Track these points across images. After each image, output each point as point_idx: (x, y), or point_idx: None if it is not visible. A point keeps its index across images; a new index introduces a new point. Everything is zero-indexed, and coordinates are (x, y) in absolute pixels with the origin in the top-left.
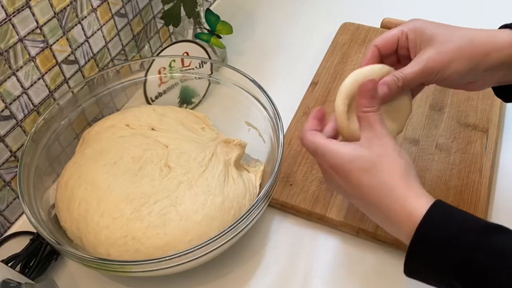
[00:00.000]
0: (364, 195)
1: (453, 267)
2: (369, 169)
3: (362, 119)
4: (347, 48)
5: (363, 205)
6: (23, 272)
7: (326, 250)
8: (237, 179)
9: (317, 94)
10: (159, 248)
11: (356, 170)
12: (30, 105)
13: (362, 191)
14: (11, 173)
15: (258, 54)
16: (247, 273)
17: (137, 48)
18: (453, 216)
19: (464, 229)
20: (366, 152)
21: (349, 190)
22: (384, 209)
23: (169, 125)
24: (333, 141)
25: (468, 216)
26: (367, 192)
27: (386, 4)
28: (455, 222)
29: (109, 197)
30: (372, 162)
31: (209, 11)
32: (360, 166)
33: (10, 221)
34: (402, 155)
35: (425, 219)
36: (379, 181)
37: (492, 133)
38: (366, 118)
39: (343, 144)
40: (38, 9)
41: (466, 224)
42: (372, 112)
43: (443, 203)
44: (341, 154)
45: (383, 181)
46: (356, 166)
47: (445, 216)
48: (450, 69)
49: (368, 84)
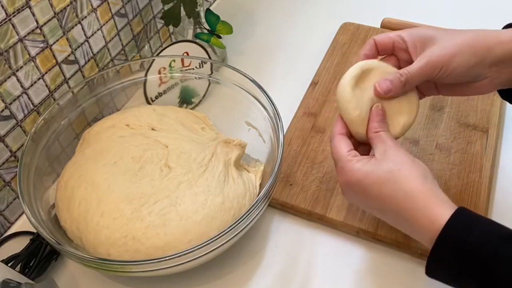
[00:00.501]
0: (384, 205)
1: (474, 275)
2: (387, 180)
3: (374, 139)
4: (347, 48)
5: (384, 215)
6: (23, 272)
7: (326, 250)
8: (237, 179)
9: (317, 94)
10: (159, 248)
11: (373, 183)
12: (30, 105)
13: (382, 201)
14: (11, 173)
15: (258, 54)
16: (247, 273)
17: (137, 48)
18: (475, 223)
19: (484, 237)
20: (383, 164)
21: (369, 203)
22: (406, 217)
23: (169, 125)
24: (352, 155)
25: (489, 224)
26: (387, 202)
27: (386, 4)
28: (476, 230)
29: (109, 197)
30: (390, 173)
31: (209, 11)
32: (378, 178)
33: (10, 221)
34: (417, 162)
35: (446, 227)
36: (398, 190)
37: (492, 133)
38: (378, 136)
39: (359, 159)
40: (38, 9)
41: (487, 232)
42: (383, 131)
43: (465, 211)
44: (358, 171)
45: (403, 189)
46: (373, 179)
47: (467, 224)
48: (455, 63)
49: (376, 111)
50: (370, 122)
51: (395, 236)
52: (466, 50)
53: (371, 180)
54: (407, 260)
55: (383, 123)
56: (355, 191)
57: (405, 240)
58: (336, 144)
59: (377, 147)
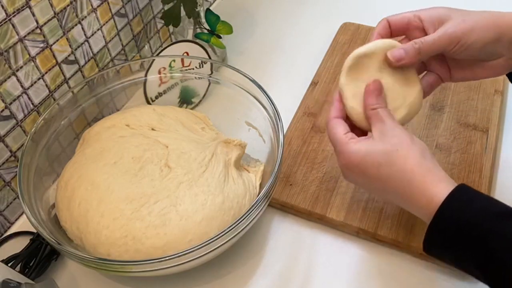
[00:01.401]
0: (383, 186)
1: (470, 252)
2: (385, 161)
3: (372, 116)
4: (347, 48)
5: (384, 195)
6: (23, 272)
7: (326, 250)
8: (237, 179)
9: (317, 94)
10: (159, 248)
11: (372, 165)
12: (30, 105)
13: (382, 182)
14: (11, 173)
15: (258, 54)
16: (247, 273)
17: (137, 48)
18: (473, 201)
19: (482, 214)
20: (380, 145)
21: (368, 184)
22: (405, 197)
23: (169, 125)
24: (349, 137)
25: (488, 201)
26: (386, 182)
27: (386, 4)
28: (474, 208)
29: (109, 197)
30: (388, 154)
31: (209, 11)
32: (376, 160)
33: (10, 221)
34: (415, 141)
35: (443, 206)
36: (397, 170)
37: (492, 133)
38: (375, 114)
39: (357, 141)
40: (38, 9)
41: (485, 208)
42: (380, 108)
43: (465, 188)
44: (356, 152)
45: (401, 170)
46: (371, 160)
47: (465, 201)
48: (473, 36)
49: (372, 85)
50: (366, 98)
51: (395, 236)
52: (484, 26)
53: (369, 162)
54: (407, 260)
55: (380, 98)
56: (355, 173)
57: (405, 240)
58: (332, 127)
59: (375, 126)
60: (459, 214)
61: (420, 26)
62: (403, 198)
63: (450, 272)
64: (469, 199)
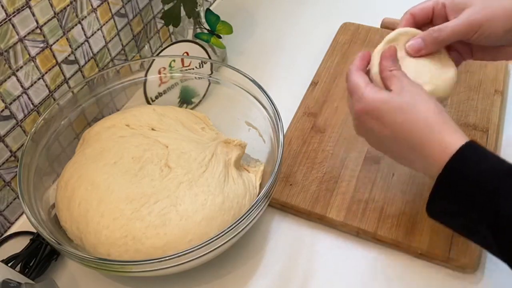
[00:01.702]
0: (396, 132)
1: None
2: (403, 108)
3: (388, 77)
4: (347, 48)
5: (393, 144)
6: (23, 272)
7: (326, 250)
8: (237, 179)
9: (317, 94)
10: (159, 248)
11: (389, 109)
12: (30, 105)
13: (395, 128)
14: (11, 173)
15: (258, 54)
16: (247, 273)
17: (137, 48)
18: (486, 155)
19: (493, 168)
20: (399, 96)
21: (381, 131)
22: (418, 143)
23: (169, 125)
24: (371, 86)
25: (498, 158)
26: (401, 128)
27: (386, 4)
28: (486, 161)
29: (109, 197)
30: (407, 102)
31: (209, 11)
32: (394, 106)
33: (10, 221)
34: (433, 98)
35: (459, 154)
36: (414, 117)
37: (492, 133)
38: (391, 75)
39: (378, 90)
40: (38, 9)
41: (496, 164)
42: (396, 70)
43: (477, 144)
44: (376, 98)
45: (418, 116)
46: (390, 106)
47: (478, 154)
48: (495, 24)
49: (388, 51)
50: (382, 61)
51: (395, 236)
52: (505, 14)
53: (388, 107)
54: (407, 260)
55: (394, 61)
56: (370, 117)
57: (405, 240)
58: (354, 77)
59: (394, 84)
60: (473, 165)
61: (444, 14)
62: (414, 146)
63: (450, 272)
64: (483, 152)
